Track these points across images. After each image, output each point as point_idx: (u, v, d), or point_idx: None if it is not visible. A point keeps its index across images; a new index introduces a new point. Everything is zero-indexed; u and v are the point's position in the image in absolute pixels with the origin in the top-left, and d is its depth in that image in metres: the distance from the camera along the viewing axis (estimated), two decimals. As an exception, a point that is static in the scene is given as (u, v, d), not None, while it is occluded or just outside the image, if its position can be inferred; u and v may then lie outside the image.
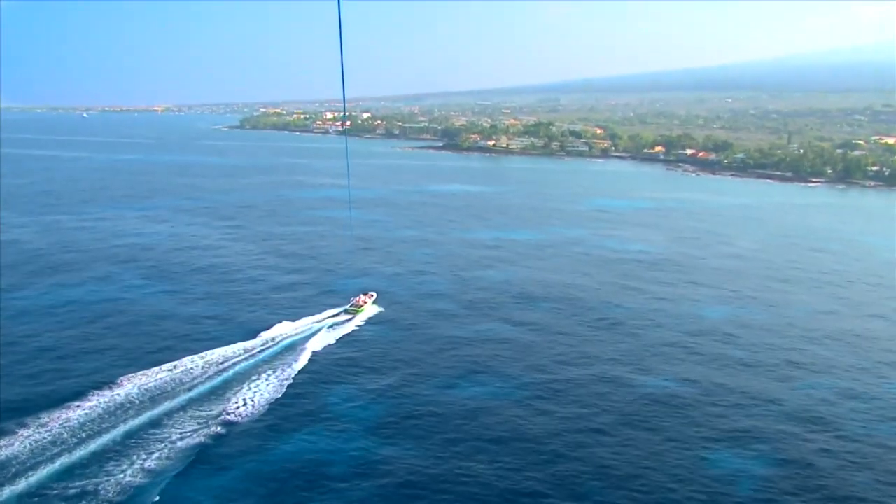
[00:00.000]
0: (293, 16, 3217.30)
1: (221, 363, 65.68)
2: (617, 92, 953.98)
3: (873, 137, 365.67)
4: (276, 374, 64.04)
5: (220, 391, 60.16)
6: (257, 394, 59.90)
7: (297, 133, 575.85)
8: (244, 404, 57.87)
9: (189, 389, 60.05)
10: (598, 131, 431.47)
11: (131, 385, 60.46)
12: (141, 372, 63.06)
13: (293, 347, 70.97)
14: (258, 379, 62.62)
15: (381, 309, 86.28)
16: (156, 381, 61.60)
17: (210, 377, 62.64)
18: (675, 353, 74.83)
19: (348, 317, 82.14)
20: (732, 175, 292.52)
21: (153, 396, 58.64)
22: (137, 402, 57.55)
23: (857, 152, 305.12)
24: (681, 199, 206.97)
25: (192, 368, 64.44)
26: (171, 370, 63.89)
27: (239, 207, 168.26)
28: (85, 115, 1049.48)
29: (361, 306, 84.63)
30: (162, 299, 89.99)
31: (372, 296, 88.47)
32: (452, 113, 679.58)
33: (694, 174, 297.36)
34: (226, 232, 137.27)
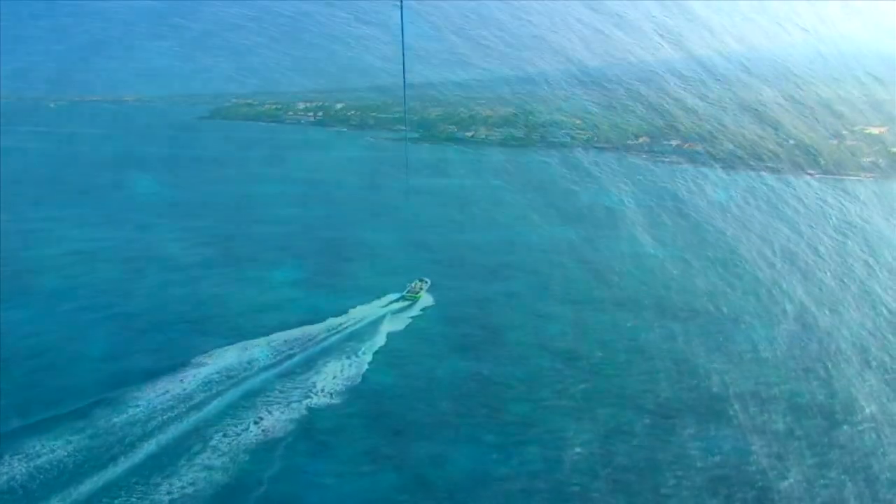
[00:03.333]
0: (264, 7, 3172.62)
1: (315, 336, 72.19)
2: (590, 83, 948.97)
3: (857, 127, 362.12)
4: (349, 361, 67.93)
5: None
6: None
7: (272, 124, 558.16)
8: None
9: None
10: (577, 122, 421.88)
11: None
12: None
13: (359, 334, 75.47)
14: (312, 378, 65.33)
15: (432, 300, 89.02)
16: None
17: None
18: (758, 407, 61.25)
19: (408, 303, 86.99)
20: (723, 167, 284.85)
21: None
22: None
23: (849, 143, 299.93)
24: (682, 191, 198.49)
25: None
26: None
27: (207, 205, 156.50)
28: (52, 105, 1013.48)
29: (418, 293, 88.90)
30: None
31: (426, 282, 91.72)
32: (427, 103, 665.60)
33: (683, 166, 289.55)
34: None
